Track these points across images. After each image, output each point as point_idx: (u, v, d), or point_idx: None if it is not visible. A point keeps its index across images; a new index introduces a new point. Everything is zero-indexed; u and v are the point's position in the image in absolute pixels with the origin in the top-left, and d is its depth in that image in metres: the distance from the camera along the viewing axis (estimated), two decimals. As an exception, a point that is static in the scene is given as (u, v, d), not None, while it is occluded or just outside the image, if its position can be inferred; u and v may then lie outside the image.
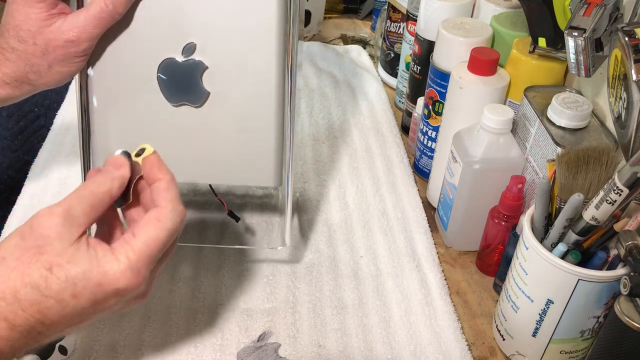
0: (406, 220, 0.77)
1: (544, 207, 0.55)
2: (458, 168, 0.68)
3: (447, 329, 0.64)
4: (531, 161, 0.65)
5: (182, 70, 0.56)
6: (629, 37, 0.50)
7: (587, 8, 0.56)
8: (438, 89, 0.76)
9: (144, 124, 0.58)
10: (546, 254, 0.53)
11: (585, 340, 0.57)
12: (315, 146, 0.90)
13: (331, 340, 0.62)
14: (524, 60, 0.68)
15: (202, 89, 0.56)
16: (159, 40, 0.55)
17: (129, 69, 0.56)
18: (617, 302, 0.48)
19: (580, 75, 0.58)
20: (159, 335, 0.62)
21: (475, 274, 0.71)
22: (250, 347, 0.61)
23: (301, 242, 0.73)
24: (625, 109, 0.52)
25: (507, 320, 0.60)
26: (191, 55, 0.55)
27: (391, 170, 0.86)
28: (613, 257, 0.53)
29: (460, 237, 0.73)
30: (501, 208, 0.65)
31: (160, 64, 0.56)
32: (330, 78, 1.06)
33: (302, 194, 0.81)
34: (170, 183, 0.46)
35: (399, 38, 0.98)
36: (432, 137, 0.80)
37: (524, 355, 0.60)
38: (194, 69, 0.56)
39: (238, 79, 0.56)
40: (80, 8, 0.53)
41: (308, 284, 0.68)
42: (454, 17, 0.77)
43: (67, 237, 0.41)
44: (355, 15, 1.30)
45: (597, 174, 0.52)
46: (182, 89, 0.56)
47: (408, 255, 0.72)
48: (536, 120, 0.63)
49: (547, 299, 0.55)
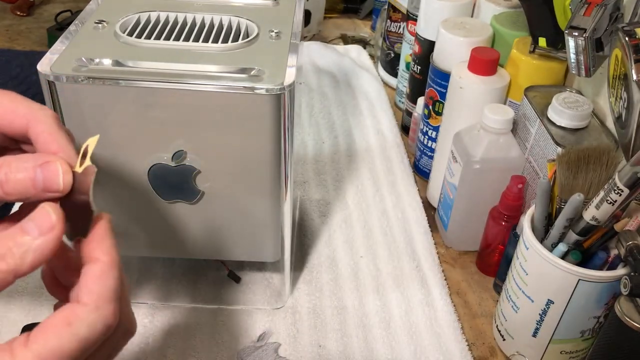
0: (406, 220, 0.77)
1: (544, 207, 0.55)
2: (458, 168, 0.68)
3: (447, 329, 0.64)
4: (531, 161, 0.65)
5: (174, 174, 0.53)
6: (629, 37, 0.50)
7: (587, 8, 0.56)
8: (438, 88, 0.76)
9: (138, 218, 0.57)
10: (546, 254, 0.53)
11: (586, 341, 0.57)
12: (315, 146, 0.90)
13: (331, 340, 0.62)
14: (524, 60, 0.68)
15: (195, 189, 0.54)
16: (147, 147, 0.52)
17: (120, 173, 0.54)
18: (618, 302, 0.48)
19: (581, 75, 0.58)
20: (159, 335, 0.62)
21: (475, 274, 0.71)
22: (250, 347, 0.61)
23: (301, 242, 0.73)
24: (625, 108, 0.52)
25: (507, 321, 0.60)
26: (182, 162, 0.53)
27: (391, 170, 0.86)
28: (613, 257, 0.53)
29: (460, 237, 0.73)
30: (501, 208, 0.65)
31: (151, 168, 0.53)
32: (330, 78, 1.06)
33: (302, 194, 0.81)
34: (107, 271, 0.32)
35: (399, 38, 0.98)
36: (432, 137, 0.80)
37: (524, 356, 0.60)
38: (186, 173, 0.53)
39: (232, 177, 0.54)
40: None
41: (308, 284, 0.68)
42: (454, 16, 0.77)
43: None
44: (355, 15, 1.30)
45: (598, 174, 0.52)
46: (175, 190, 0.55)
47: (408, 255, 0.72)
48: (536, 120, 0.63)
49: (547, 299, 0.55)
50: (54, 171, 0.31)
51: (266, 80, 0.49)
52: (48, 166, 0.31)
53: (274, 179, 0.54)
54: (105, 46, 0.52)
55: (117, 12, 0.57)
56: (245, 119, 0.51)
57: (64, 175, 0.32)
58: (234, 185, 0.55)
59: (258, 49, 0.54)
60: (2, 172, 0.31)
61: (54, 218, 0.31)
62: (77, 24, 0.56)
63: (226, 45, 0.53)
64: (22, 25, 1.22)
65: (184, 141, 0.52)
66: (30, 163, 0.31)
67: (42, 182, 0.31)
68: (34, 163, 0.31)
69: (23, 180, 0.31)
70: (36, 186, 0.31)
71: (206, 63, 0.51)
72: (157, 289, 0.66)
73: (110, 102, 0.50)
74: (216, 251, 0.61)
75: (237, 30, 0.57)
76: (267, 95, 0.49)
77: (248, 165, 0.54)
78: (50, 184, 0.31)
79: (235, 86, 0.49)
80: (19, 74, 0.98)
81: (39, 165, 0.31)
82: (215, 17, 0.58)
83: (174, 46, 0.53)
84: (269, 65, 0.51)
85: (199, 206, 0.56)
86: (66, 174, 0.32)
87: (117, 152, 0.53)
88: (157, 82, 0.49)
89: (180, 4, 0.60)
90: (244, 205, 0.56)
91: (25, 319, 0.62)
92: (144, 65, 0.50)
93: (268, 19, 0.58)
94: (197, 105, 0.50)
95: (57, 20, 1.17)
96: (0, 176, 0.31)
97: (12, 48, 1.14)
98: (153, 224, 0.58)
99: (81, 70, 0.49)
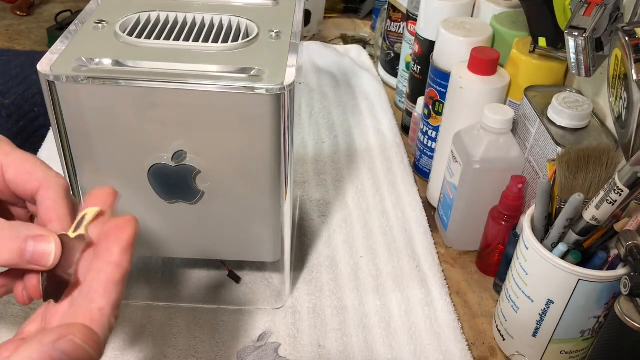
0: (406, 220, 0.77)
1: (544, 207, 0.55)
2: (458, 168, 0.68)
3: (447, 329, 0.64)
4: (531, 161, 0.65)
5: (174, 174, 0.53)
6: (629, 37, 0.50)
7: (587, 8, 0.56)
8: (438, 88, 0.76)
9: (138, 218, 0.56)
10: (546, 254, 0.53)
11: (586, 341, 0.57)
12: (315, 146, 0.90)
13: (331, 340, 0.62)
14: (524, 60, 0.68)
15: (195, 189, 0.54)
16: (147, 147, 0.52)
17: (120, 173, 0.54)
18: (618, 302, 0.48)
19: (581, 75, 0.58)
20: (159, 335, 0.62)
21: (475, 274, 0.71)
22: (250, 347, 0.61)
23: (301, 242, 0.73)
24: (625, 108, 0.52)
25: (507, 320, 0.60)
26: (182, 162, 0.53)
27: (391, 170, 0.86)
28: (613, 257, 0.53)
29: (460, 237, 0.73)
30: (501, 208, 0.65)
31: (151, 168, 0.53)
32: (330, 78, 1.06)
33: (302, 194, 0.81)
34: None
35: (399, 38, 0.98)
36: (432, 137, 0.80)
37: (524, 356, 0.60)
38: (186, 173, 0.53)
39: (232, 177, 0.54)
40: None
41: (308, 284, 0.68)
42: (454, 16, 0.77)
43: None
44: (355, 15, 1.30)
45: (598, 174, 0.52)
46: (175, 190, 0.54)
47: (408, 255, 0.72)
48: (536, 120, 0.63)
49: (547, 299, 0.55)
50: (46, 247, 0.31)
51: (266, 80, 0.49)
52: (41, 240, 0.32)
53: (274, 179, 0.54)
54: (105, 46, 0.52)
55: (117, 12, 0.57)
56: (245, 119, 0.51)
57: (55, 253, 0.32)
58: (234, 185, 0.55)
59: (258, 49, 0.54)
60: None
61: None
62: (77, 24, 0.56)
63: (226, 45, 0.53)
64: (22, 25, 1.22)
65: (184, 141, 0.52)
66: (23, 232, 0.31)
67: (30, 254, 0.31)
68: (27, 233, 0.31)
69: (11, 250, 0.31)
70: (23, 257, 0.31)
71: (206, 63, 0.51)
72: (157, 289, 0.66)
73: (110, 102, 0.50)
74: (216, 251, 0.61)
75: (237, 30, 0.57)
76: (267, 95, 0.49)
77: (248, 165, 0.54)
78: (39, 259, 0.31)
79: (235, 86, 0.49)
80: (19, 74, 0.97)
81: (31, 237, 0.31)
82: (215, 17, 0.58)
83: (174, 46, 0.53)
84: (269, 65, 0.51)
85: (199, 206, 0.56)
86: (57, 250, 0.32)
87: (117, 152, 0.53)
88: (157, 82, 0.49)
89: (180, 4, 0.60)
90: (244, 205, 0.56)
91: (25, 319, 0.62)
92: (144, 65, 0.50)
93: (268, 19, 0.58)
94: (197, 105, 0.50)
95: (57, 20, 1.17)
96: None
97: (12, 48, 1.14)
98: (153, 224, 0.58)
99: (81, 70, 0.49)
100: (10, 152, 0.35)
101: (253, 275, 0.68)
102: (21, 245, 0.31)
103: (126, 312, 0.63)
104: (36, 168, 0.35)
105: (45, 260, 0.32)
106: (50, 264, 0.32)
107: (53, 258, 0.32)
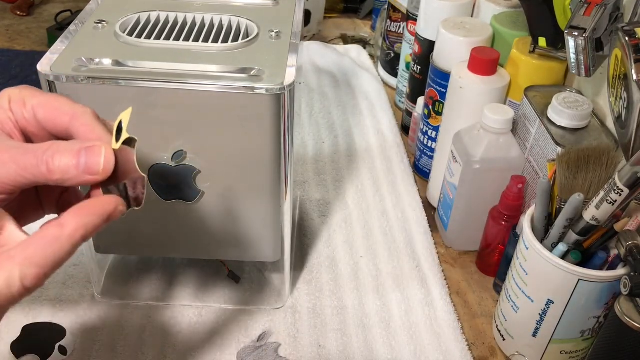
0: (406, 220, 0.77)
1: (544, 207, 0.55)
2: (458, 168, 0.68)
3: (447, 329, 0.64)
4: (531, 161, 0.65)
5: (174, 174, 0.53)
6: (629, 37, 0.50)
7: (587, 8, 0.56)
8: (438, 88, 0.76)
9: (138, 218, 0.55)
10: (546, 254, 0.53)
11: (586, 341, 0.57)
12: (315, 146, 0.90)
13: (331, 340, 0.62)
14: (524, 60, 0.68)
15: (195, 189, 0.54)
16: (147, 147, 0.52)
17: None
18: (618, 302, 0.48)
19: (581, 75, 0.58)
20: (159, 335, 0.62)
21: (475, 274, 0.71)
22: (250, 347, 0.61)
23: (301, 242, 0.73)
24: (625, 108, 0.52)
25: (507, 320, 0.60)
26: (182, 162, 0.53)
27: (391, 170, 0.86)
28: (613, 257, 0.53)
29: (460, 237, 0.73)
30: (501, 208, 0.65)
31: (151, 168, 0.53)
32: (330, 78, 1.06)
33: (302, 194, 0.81)
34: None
35: (399, 38, 0.98)
36: (432, 137, 0.80)
37: (524, 356, 0.60)
38: (186, 173, 0.53)
39: (232, 177, 0.54)
40: None
41: (308, 284, 0.68)
42: (454, 16, 0.77)
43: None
44: (355, 15, 1.30)
45: (598, 174, 0.52)
46: (175, 190, 0.54)
47: (408, 255, 0.72)
48: (536, 120, 0.63)
49: (547, 299, 0.55)
50: (97, 154, 0.34)
51: (266, 80, 0.49)
52: (92, 150, 0.34)
53: (274, 179, 0.54)
54: (105, 46, 0.52)
55: (117, 12, 0.57)
56: (245, 119, 0.51)
57: (106, 159, 0.34)
58: (234, 185, 0.55)
59: (258, 49, 0.54)
60: (50, 151, 0.33)
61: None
62: (77, 24, 0.56)
63: (226, 45, 0.53)
64: (22, 25, 1.22)
65: (184, 141, 0.52)
66: (77, 146, 0.34)
67: (84, 164, 0.33)
68: (80, 146, 0.34)
69: (68, 161, 0.33)
70: (79, 167, 0.33)
71: (206, 63, 0.51)
72: (157, 289, 0.66)
73: (110, 102, 0.50)
74: (216, 251, 0.61)
75: (237, 30, 0.57)
76: (267, 95, 0.49)
77: (248, 165, 0.54)
78: (92, 167, 0.34)
79: (235, 86, 0.49)
80: (19, 74, 0.98)
81: (84, 148, 0.34)
82: (215, 17, 0.58)
83: (174, 46, 0.53)
84: (269, 65, 0.51)
85: (199, 206, 0.56)
86: (108, 158, 0.34)
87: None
88: (157, 82, 0.49)
89: (180, 4, 0.60)
90: (244, 205, 0.56)
91: (25, 319, 0.62)
92: (144, 65, 0.50)
93: (268, 19, 0.58)
94: (197, 105, 0.50)
95: (57, 20, 1.17)
96: (47, 154, 0.33)
97: (12, 48, 1.14)
98: (153, 224, 0.58)
99: (81, 70, 0.49)
100: (37, 95, 0.37)
101: (253, 275, 0.68)
102: (75, 156, 0.34)
103: (126, 312, 0.64)
104: (63, 103, 0.36)
105: (97, 164, 0.34)
106: (101, 169, 0.34)
107: (103, 161, 0.34)
